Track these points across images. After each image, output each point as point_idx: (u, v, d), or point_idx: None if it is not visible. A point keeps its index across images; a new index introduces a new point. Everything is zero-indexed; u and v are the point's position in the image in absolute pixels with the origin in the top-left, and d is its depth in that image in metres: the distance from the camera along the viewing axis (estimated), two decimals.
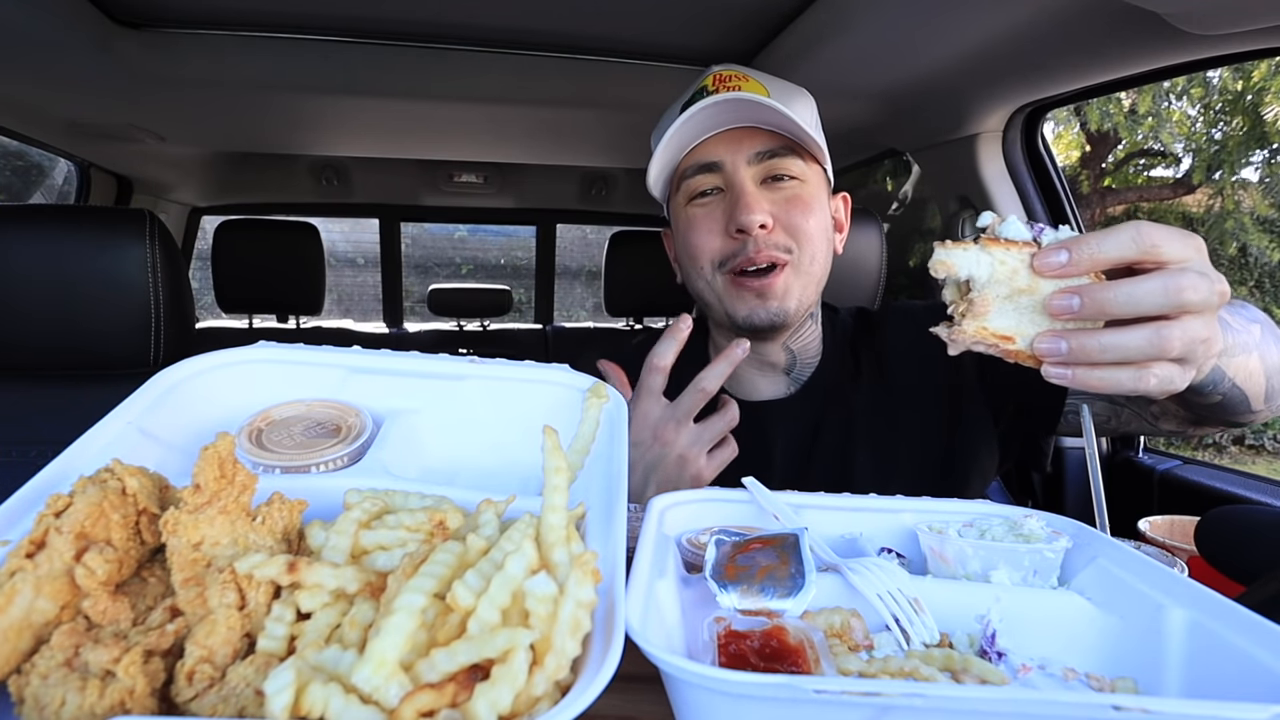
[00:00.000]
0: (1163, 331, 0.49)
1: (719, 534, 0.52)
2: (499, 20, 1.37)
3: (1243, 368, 0.66)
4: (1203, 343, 0.51)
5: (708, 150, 0.92)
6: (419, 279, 7.43)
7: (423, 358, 0.62)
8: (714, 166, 0.90)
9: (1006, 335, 0.52)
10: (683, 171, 0.94)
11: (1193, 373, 0.53)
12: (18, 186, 3.56)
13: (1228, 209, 5.73)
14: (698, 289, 0.95)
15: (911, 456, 0.93)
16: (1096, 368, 0.51)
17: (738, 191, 0.88)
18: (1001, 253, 0.51)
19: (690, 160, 0.93)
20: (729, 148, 0.90)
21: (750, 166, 0.90)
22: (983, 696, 0.35)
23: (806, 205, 0.90)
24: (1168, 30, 1.00)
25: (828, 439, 0.95)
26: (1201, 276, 0.50)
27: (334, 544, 0.40)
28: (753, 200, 0.86)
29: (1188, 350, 0.51)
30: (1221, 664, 0.40)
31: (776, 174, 0.90)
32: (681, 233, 0.95)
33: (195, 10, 1.32)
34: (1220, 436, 5.92)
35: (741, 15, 1.32)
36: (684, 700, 0.38)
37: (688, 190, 0.93)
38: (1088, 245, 0.50)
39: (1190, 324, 0.50)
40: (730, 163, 0.90)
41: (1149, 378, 0.51)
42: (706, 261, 0.91)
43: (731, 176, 0.90)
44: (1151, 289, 0.49)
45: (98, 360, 1.11)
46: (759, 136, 0.90)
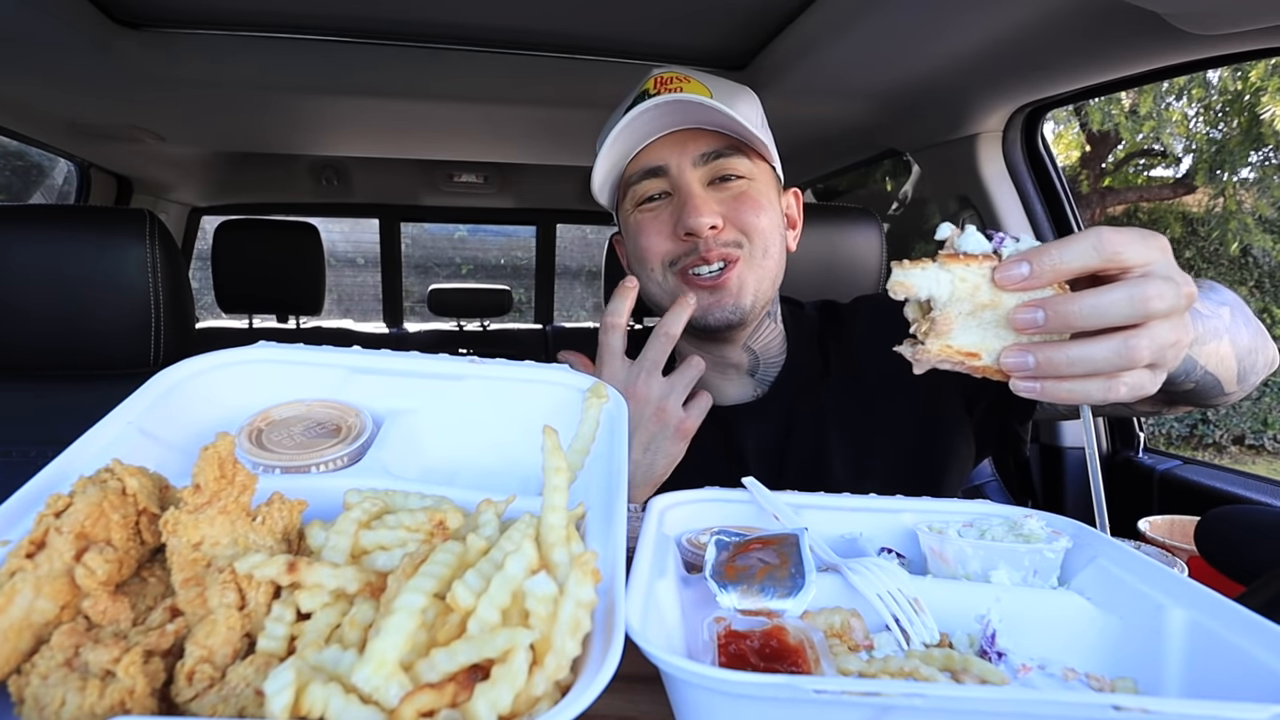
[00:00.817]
0: (1130, 341, 0.49)
1: (719, 534, 0.52)
2: (498, 20, 1.37)
3: (1214, 354, 0.66)
4: (1171, 346, 0.50)
5: (652, 154, 0.90)
6: (419, 279, 7.43)
7: (422, 358, 0.62)
8: (659, 171, 0.89)
9: (972, 352, 0.51)
10: (629, 177, 0.92)
11: (1163, 375, 0.53)
12: (18, 186, 3.56)
13: (1230, 209, 5.73)
14: (652, 293, 0.94)
15: (886, 449, 0.93)
16: (1065, 380, 0.51)
17: (685, 194, 0.87)
18: (961, 269, 0.50)
19: (635, 166, 0.92)
20: (674, 151, 0.89)
21: (696, 169, 0.89)
22: (983, 696, 0.35)
23: (755, 202, 0.89)
24: (1168, 30, 1.00)
25: (800, 437, 0.94)
26: (1167, 281, 0.49)
27: (334, 544, 0.40)
28: (700, 202, 0.85)
29: (1157, 357, 0.50)
30: (1221, 664, 0.40)
31: (724, 174, 0.89)
32: (632, 238, 0.94)
33: (195, 10, 1.32)
34: (1220, 436, 5.92)
35: (741, 16, 1.32)
36: (684, 700, 0.38)
37: (634, 196, 0.92)
38: (1049, 256, 0.49)
39: (1158, 330, 0.49)
40: (676, 166, 0.88)
41: (1119, 387, 0.50)
42: (657, 263, 0.90)
43: (678, 180, 0.88)
44: (1117, 299, 0.48)
45: (98, 360, 1.11)
46: (703, 138, 0.89)
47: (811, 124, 1.78)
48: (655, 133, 0.89)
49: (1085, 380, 0.50)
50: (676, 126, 0.89)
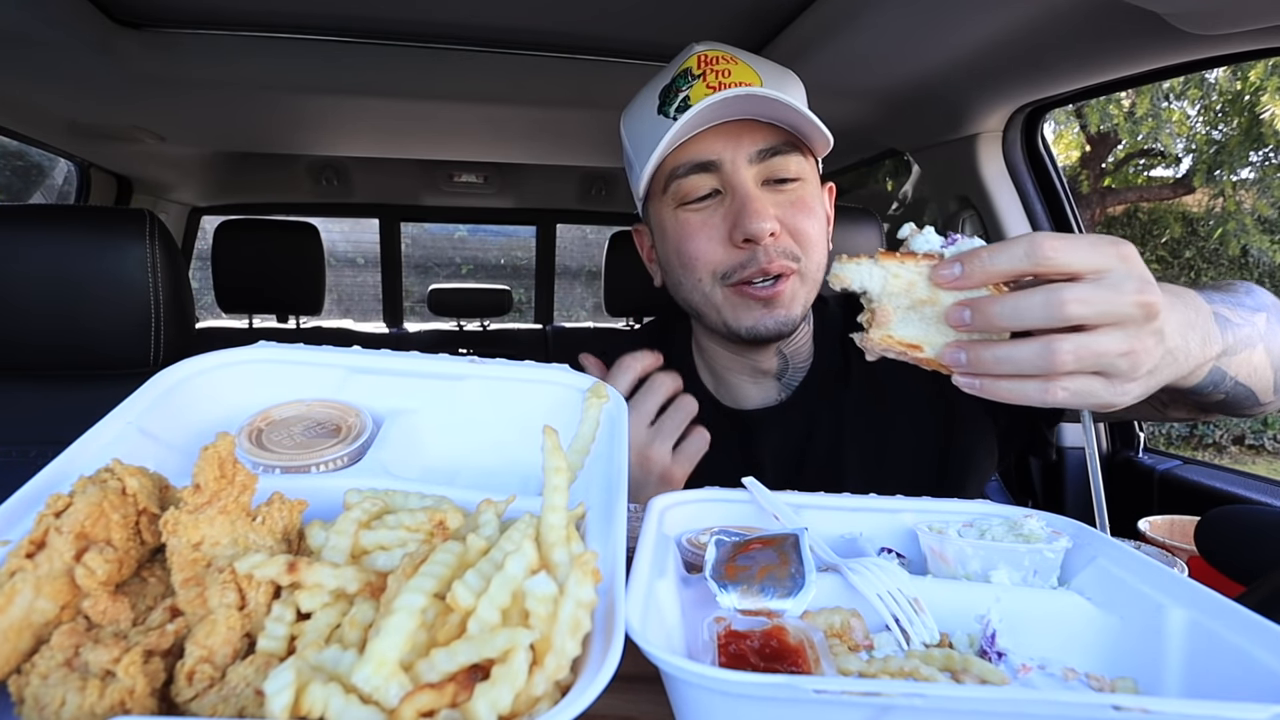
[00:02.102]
0: (1052, 345, 0.49)
1: (719, 534, 0.52)
2: (499, 20, 1.37)
3: (1245, 364, 0.63)
4: (1121, 356, 0.49)
5: (702, 146, 0.83)
6: (419, 279, 7.43)
7: (422, 358, 0.62)
8: (710, 166, 0.83)
9: (914, 344, 0.54)
10: (672, 170, 0.85)
11: (1130, 385, 0.51)
12: (18, 186, 3.56)
13: (1229, 210, 5.73)
14: (690, 299, 0.89)
15: (903, 460, 0.90)
16: (1000, 379, 0.51)
17: (743, 196, 0.81)
18: (895, 266, 0.52)
19: (682, 157, 0.84)
20: (728, 144, 0.82)
21: (752, 166, 0.83)
22: (983, 696, 0.35)
23: (810, 209, 0.85)
24: (1168, 30, 1.00)
25: (818, 446, 0.91)
26: (1101, 288, 0.48)
27: (334, 544, 0.40)
28: (761, 206, 0.80)
29: (1088, 365, 0.49)
30: (1221, 664, 0.40)
31: (778, 176, 0.84)
32: (672, 239, 0.87)
33: (195, 10, 1.32)
34: (1220, 436, 5.92)
35: (741, 15, 1.32)
36: (684, 700, 0.38)
37: (679, 193, 0.85)
38: (980, 259, 0.50)
39: (1091, 338, 0.49)
40: (730, 162, 0.82)
41: (1055, 390, 0.50)
42: (706, 273, 0.85)
43: (731, 178, 0.82)
44: (1032, 303, 0.49)
45: (98, 360, 1.11)
46: (759, 131, 0.83)
47: None
48: (707, 122, 0.82)
49: (1020, 381, 0.51)
50: (734, 117, 0.82)
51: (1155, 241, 6.42)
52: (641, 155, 0.86)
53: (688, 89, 0.81)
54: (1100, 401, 0.52)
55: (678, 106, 0.81)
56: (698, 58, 0.83)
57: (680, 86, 0.82)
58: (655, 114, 0.84)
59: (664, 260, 0.92)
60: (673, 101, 0.82)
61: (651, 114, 0.85)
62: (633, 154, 0.90)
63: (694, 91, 0.80)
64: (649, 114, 0.85)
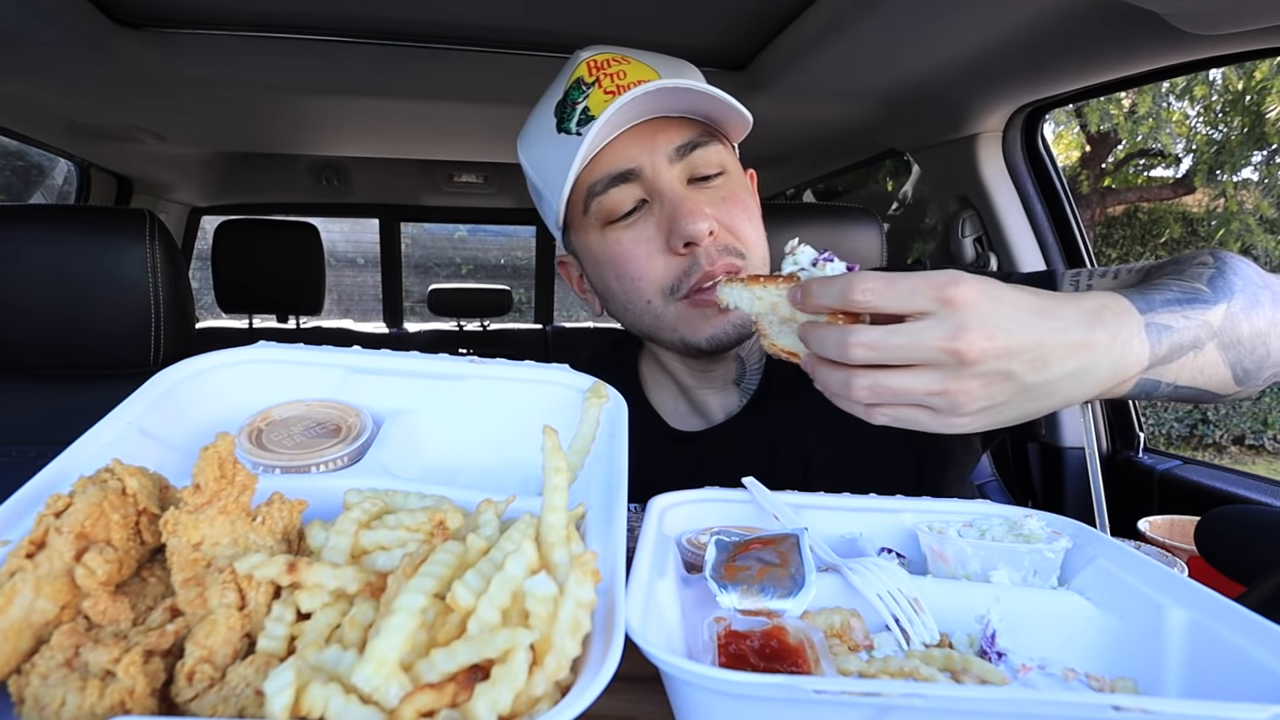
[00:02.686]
0: (849, 379, 0.53)
1: (719, 534, 0.52)
2: (498, 20, 1.37)
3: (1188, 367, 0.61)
4: (932, 395, 0.52)
5: (617, 156, 0.76)
6: (419, 279, 7.43)
7: (422, 358, 0.62)
8: (630, 175, 0.76)
9: (793, 352, 0.60)
10: (589, 188, 0.78)
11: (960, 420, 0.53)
12: (18, 186, 3.56)
13: (1231, 210, 5.73)
14: (640, 323, 0.83)
15: (875, 455, 0.86)
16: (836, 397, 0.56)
17: (672, 199, 0.75)
18: (759, 289, 0.59)
19: (597, 172, 0.77)
20: (643, 148, 0.76)
21: (673, 166, 0.77)
22: (983, 696, 0.35)
23: (742, 202, 0.80)
24: (1168, 30, 1.00)
25: (785, 449, 0.87)
26: (899, 334, 0.51)
27: (334, 544, 0.40)
28: (694, 205, 0.75)
29: (886, 399, 0.53)
30: (1221, 664, 0.40)
31: (702, 173, 0.78)
32: (608, 263, 0.80)
33: (195, 10, 1.32)
34: (1220, 436, 5.92)
35: (741, 16, 1.32)
36: (684, 700, 0.38)
37: (603, 211, 0.78)
38: (810, 291, 0.54)
39: (886, 377, 0.52)
40: (650, 167, 0.76)
41: (876, 416, 0.54)
42: (653, 291, 0.79)
43: (655, 183, 0.76)
44: (827, 340, 0.53)
45: (98, 360, 1.11)
46: (672, 127, 0.77)
47: (811, 124, 1.78)
48: (616, 129, 0.76)
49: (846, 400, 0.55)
50: (643, 118, 0.76)
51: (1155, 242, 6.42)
52: (551, 181, 0.79)
53: (584, 99, 0.76)
54: (930, 430, 0.54)
55: (579, 120, 0.76)
56: (587, 64, 0.78)
57: (575, 98, 0.77)
58: (555, 133, 0.78)
59: (601, 288, 0.85)
60: (571, 115, 0.77)
61: (551, 134, 0.79)
62: (540, 182, 0.83)
63: (592, 100, 0.76)
64: (548, 135, 0.79)
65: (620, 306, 0.84)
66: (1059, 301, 0.55)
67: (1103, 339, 0.56)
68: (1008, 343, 0.51)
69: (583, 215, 0.80)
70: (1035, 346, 0.53)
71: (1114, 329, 0.57)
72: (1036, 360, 0.53)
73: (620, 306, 0.84)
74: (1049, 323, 0.53)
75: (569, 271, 0.92)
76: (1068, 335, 0.54)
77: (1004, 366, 0.52)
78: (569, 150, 0.75)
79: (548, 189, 0.81)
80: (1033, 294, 0.55)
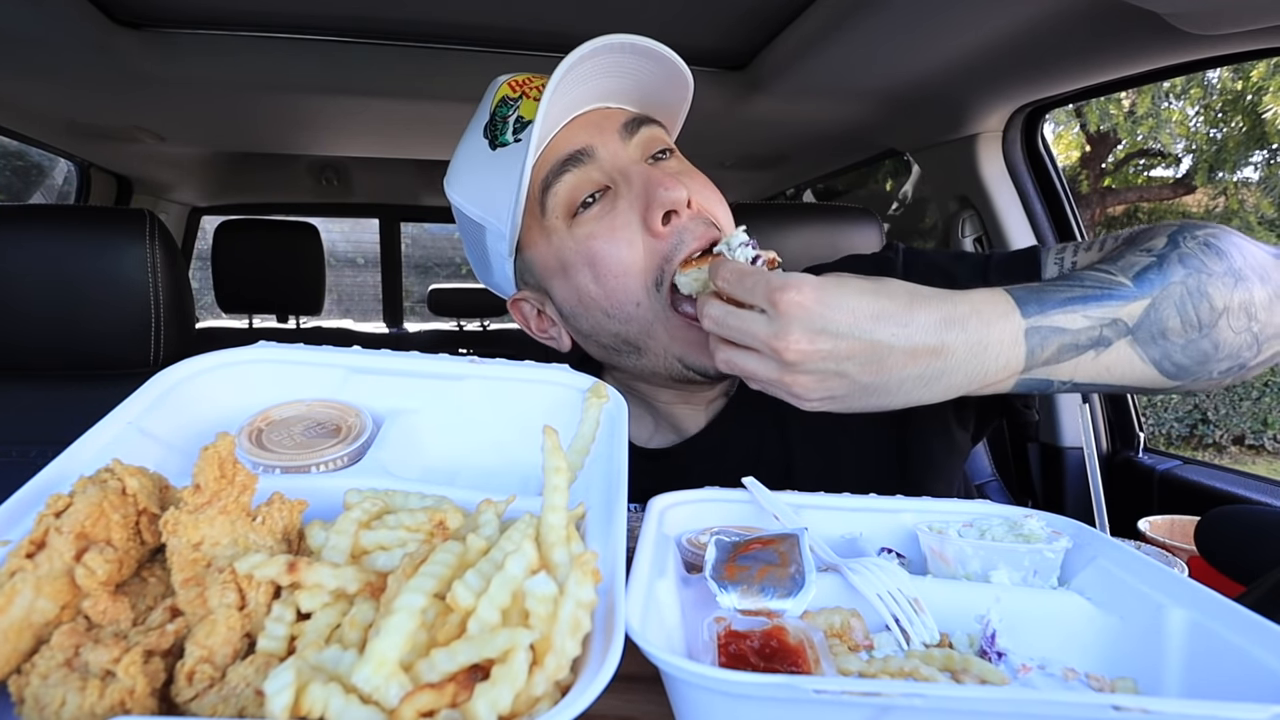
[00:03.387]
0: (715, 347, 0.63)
1: (719, 534, 0.52)
2: (498, 20, 1.37)
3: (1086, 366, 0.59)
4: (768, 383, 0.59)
5: (562, 144, 0.71)
6: (419, 279, 7.43)
7: (422, 358, 0.62)
8: (583, 155, 0.71)
9: None
10: (543, 182, 0.72)
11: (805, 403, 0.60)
12: (18, 186, 3.56)
13: (1232, 209, 5.73)
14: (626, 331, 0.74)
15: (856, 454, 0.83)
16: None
17: (640, 174, 0.70)
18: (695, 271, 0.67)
19: (546, 165, 0.72)
20: (590, 130, 0.72)
21: (626, 144, 0.73)
22: (983, 696, 0.35)
23: (700, 176, 0.76)
24: (1168, 30, 1.00)
25: (767, 454, 0.83)
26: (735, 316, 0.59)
27: (334, 544, 0.40)
28: (663, 173, 0.71)
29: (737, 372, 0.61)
30: (1221, 664, 0.40)
31: (655, 150, 0.75)
32: (582, 262, 0.72)
33: (195, 10, 1.32)
34: (1220, 436, 5.92)
35: (741, 15, 1.32)
36: (684, 700, 0.38)
37: (562, 203, 0.72)
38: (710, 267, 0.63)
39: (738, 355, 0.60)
40: (604, 146, 0.72)
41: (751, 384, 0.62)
42: (638, 285, 0.71)
43: (614, 162, 0.72)
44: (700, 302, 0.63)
45: (98, 360, 1.11)
46: (613, 113, 0.74)
47: (811, 124, 1.78)
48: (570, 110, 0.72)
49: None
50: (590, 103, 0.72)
51: None
52: (497, 199, 0.73)
53: (514, 112, 0.73)
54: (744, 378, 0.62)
55: (513, 129, 0.72)
56: (508, 84, 0.75)
57: (505, 114, 0.73)
58: (490, 152, 0.73)
59: (573, 301, 0.75)
60: (505, 129, 0.73)
61: (486, 156, 0.74)
62: (481, 212, 0.76)
63: (524, 109, 0.72)
64: (482, 158, 0.74)
65: (600, 317, 0.74)
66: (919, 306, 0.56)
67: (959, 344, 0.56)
68: (833, 346, 0.55)
69: (541, 219, 0.74)
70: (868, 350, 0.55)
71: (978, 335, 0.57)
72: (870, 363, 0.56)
73: (600, 317, 0.74)
74: (891, 329, 0.55)
75: (522, 311, 0.84)
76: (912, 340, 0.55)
77: (832, 367, 0.56)
78: (512, 160, 0.70)
79: (492, 213, 0.75)
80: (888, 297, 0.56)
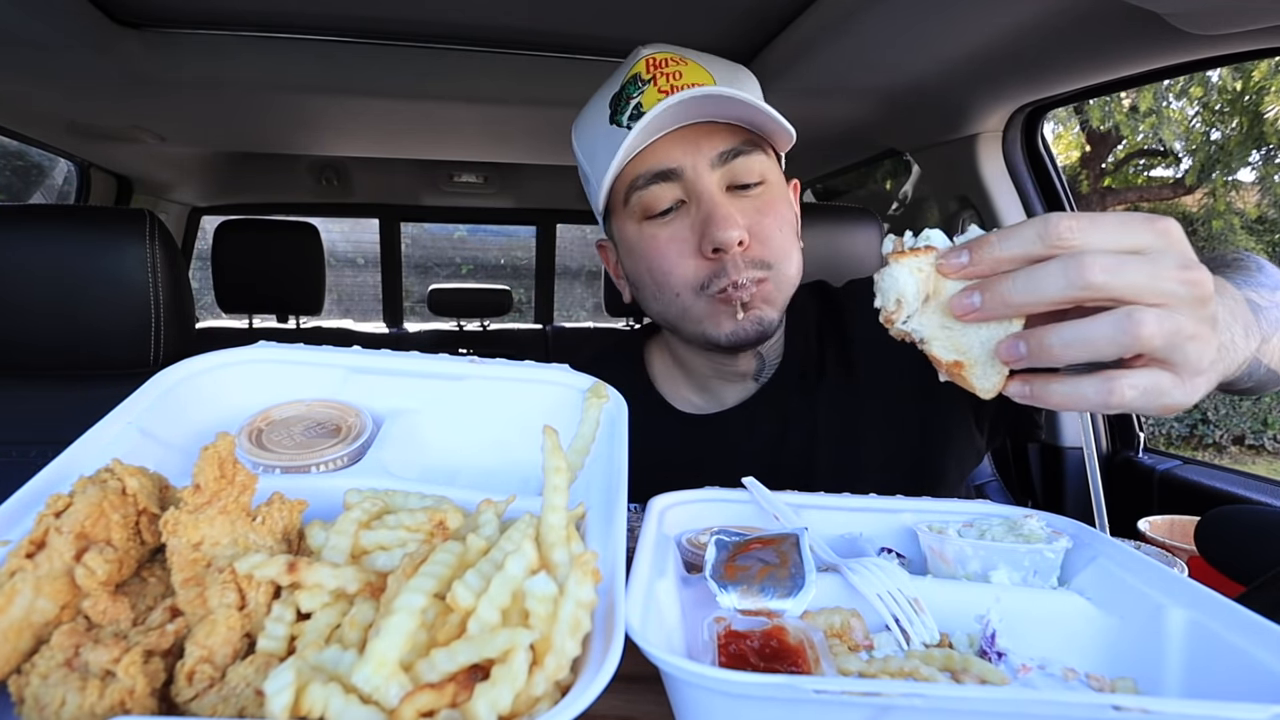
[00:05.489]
0: (1132, 312, 0.42)
1: (719, 534, 0.52)
2: (498, 20, 1.37)
3: (1278, 349, 0.57)
4: (1189, 339, 0.43)
5: (660, 154, 0.79)
6: (419, 279, 7.42)
7: (423, 358, 0.62)
8: (672, 175, 0.79)
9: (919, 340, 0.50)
10: (632, 181, 0.80)
11: (1199, 380, 0.45)
12: (18, 186, 3.56)
13: (1219, 209, 5.73)
14: (666, 314, 0.86)
15: (876, 454, 0.88)
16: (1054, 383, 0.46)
17: (708, 205, 0.78)
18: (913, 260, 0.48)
19: (640, 167, 0.79)
20: (687, 150, 0.78)
21: (714, 171, 0.79)
22: (983, 696, 0.35)
23: (777, 213, 0.81)
24: (1168, 30, 1.00)
25: (793, 440, 0.89)
26: (1133, 260, 0.43)
27: (334, 544, 0.40)
28: (728, 213, 0.77)
29: (1167, 340, 0.42)
30: (1221, 664, 0.40)
31: (742, 181, 0.80)
32: (642, 256, 0.83)
33: (195, 10, 1.32)
34: (1220, 436, 5.92)
35: (741, 15, 1.32)
36: (684, 700, 0.38)
37: (642, 206, 0.81)
38: (988, 243, 0.45)
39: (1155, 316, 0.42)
40: (692, 169, 0.78)
41: (1123, 389, 0.44)
42: (684, 288, 0.81)
43: (695, 185, 0.78)
44: (1051, 270, 0.43)
45: (98, 360, 1.11)
46: (718, 133, 0.79)
47: (811, 124, 1.78)
48: (664, 128, 0.78)
49: (1078, 383, 0.45)
50: (691, 120, 0.78)
51: None
52: (597, 168, 0.82)
53: (639, 95, 0.78)
54: (1169, 403, 0.44)
55: (630, 114, 0.78)
56: (646, 61, 0.80)
57: (631, 93, 0.79)
58: (608, 124, 0.81)
59: (633, 276, 0.89)
60: (625, 109, 0.79)
61: (604, 124, 0.81)
62: (588, 167, 0.86)
63: (646, 97, 0.78)
64: (601, 124, 0.81)
65: (649, 295, 0.87)
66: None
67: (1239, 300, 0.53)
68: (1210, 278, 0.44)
69: (623, 206, 0.83)
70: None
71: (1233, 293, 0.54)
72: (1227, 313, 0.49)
73: (649, 295, 0.87)
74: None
75: (607, 255, 0.96)
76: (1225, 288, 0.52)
77: (1213, 312, 0.45)
78: (616, 142, 0.77)
79: (594, 176, 0.84)
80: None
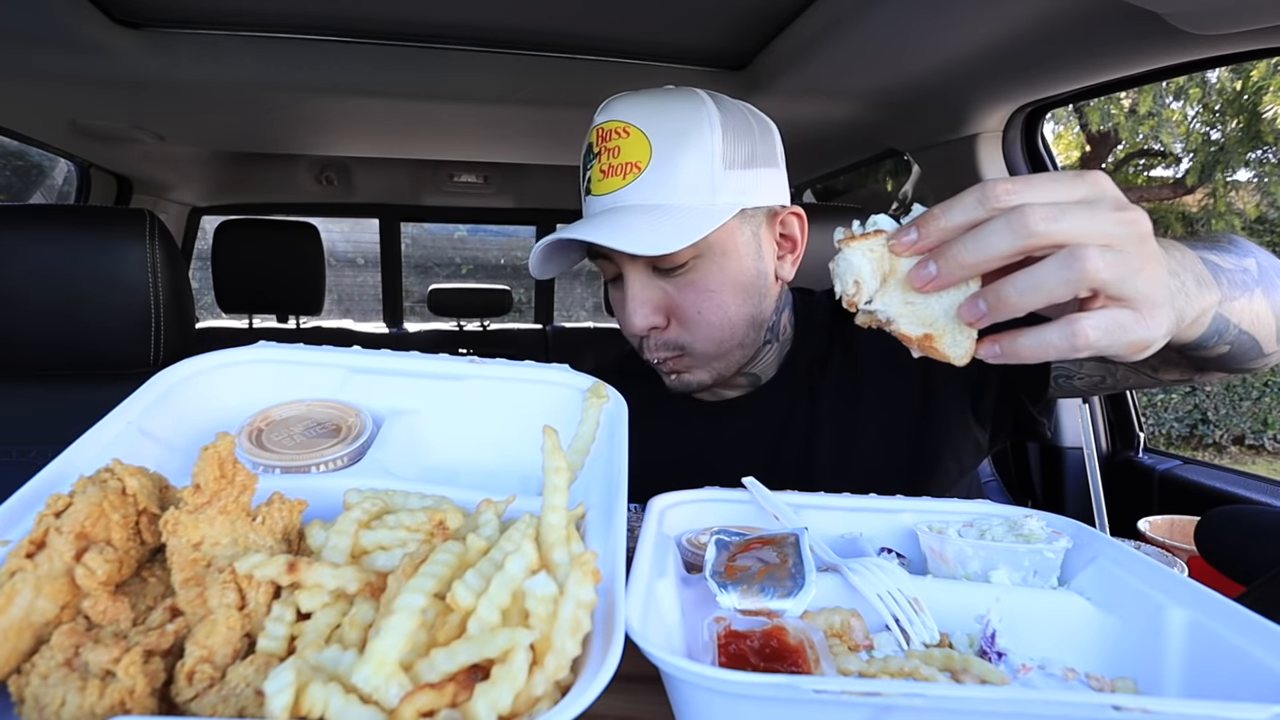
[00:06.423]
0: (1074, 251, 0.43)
1: (719, 534, 0.52)
2: (498, 20, 1.37)
3: (1246, 310, 0.59)
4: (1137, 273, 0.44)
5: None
6: (419, 279, 7.42)
7: (423, 358, 0.62)
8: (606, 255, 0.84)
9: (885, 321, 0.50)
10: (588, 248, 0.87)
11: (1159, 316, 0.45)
12: (18, 186, 3.56)
13: (1219, 210, 5.73)
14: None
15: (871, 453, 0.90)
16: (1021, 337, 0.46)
17: (626, 291, 0.82)
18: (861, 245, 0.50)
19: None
20: None
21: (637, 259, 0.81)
22: (983, 696, 0.35)
23: (705, 291, 0.81)
24: (1168, 30, 1.00)
25: (792, 434, 0.92)
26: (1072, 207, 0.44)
27: (334, 544, 0.40)
28: (634, 306, 0.81)
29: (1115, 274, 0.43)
30: (1221, 664, 0.40)
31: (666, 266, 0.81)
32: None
33: (195, 10, 1.32)
34: (1220, 436, 5.92)
35: (741, 15, 1.32)
36: (684, 700, 0.38)
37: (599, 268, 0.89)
38: (932, 217, 0.47)
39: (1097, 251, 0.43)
40: (619, 255, 0.81)
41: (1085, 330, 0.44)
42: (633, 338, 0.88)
43: (621, 268, 0.83)
44: (996, 226, 0.44)
45: (98, 360, 1.11)
46: None
47: (811, 124, 1.78)
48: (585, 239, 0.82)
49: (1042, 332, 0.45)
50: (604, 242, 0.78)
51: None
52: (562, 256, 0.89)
53: (591, 168, 0.84)
54: (1133, 339, 0.45)
55: (585, 185, 0.85)
56: (596, 132, 0.83)
57: (589, 162, 0.84)
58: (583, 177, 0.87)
59: None
60: (585, 172, 0.85)
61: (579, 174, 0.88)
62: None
63: (593, 174, 0.83)
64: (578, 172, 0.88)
65: None
66: None
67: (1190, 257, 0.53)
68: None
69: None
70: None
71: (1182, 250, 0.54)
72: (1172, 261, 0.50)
73: None
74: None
75: None
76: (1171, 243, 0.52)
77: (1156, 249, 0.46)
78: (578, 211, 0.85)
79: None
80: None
